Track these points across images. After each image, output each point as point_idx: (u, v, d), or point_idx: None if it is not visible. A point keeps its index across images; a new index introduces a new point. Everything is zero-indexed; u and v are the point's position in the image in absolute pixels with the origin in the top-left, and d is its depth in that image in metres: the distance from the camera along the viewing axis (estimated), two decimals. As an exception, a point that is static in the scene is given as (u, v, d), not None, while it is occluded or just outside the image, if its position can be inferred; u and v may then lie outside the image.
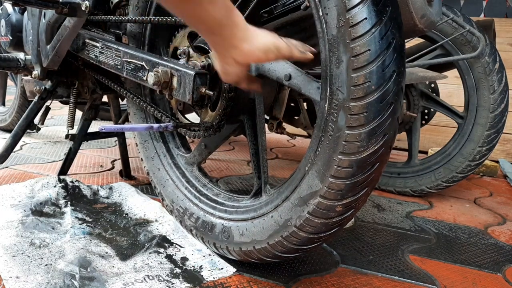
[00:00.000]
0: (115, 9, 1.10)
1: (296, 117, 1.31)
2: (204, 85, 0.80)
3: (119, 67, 0.98)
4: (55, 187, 1.12)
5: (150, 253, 0.84)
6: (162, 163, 1.06)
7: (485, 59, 1.36)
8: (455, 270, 0.93)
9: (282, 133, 1.15)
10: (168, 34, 1.03)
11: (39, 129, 1.76)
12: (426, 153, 2.21)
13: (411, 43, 1.57)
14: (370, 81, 0.57)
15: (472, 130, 1.40)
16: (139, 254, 0.84)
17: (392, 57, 0.57)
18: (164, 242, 0.90)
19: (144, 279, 0.75)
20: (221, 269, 0.82)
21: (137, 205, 1.09)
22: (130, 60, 0.93)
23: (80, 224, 0.94)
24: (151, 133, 1.09)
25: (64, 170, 1.26)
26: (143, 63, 0.89)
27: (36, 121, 1.35)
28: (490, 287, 0.87)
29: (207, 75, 0.81)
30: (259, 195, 0.84)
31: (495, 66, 1.36)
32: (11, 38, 1.29)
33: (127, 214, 1.05)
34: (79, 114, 1.35)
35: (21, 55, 1.26)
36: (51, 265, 0.76)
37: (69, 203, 1.05)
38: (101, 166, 1.50)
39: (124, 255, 0.83)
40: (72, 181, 1.16)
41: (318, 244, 0.71)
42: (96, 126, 1.86)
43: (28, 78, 1.31)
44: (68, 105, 1.32)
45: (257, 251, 0.76)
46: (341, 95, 0.60)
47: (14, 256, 0.77)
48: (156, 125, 0.85)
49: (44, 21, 1.13)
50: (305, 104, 1.31)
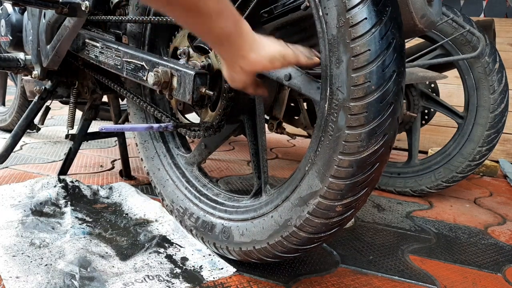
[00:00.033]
0: (115, 9, 1.10)
1: (296, 117, 1.31)
2: (204, 85, 0.80)
3: (119, 67, 0.98)
4: (55, 187, 1.12)
5: (150, 253, 0.84)
6: (162, 163, 1.06)
7: (485, 59, 1.36)
8: (455, 270, 0.93)
9: (282, 133, 1.15)
10: (168, 34, 1.03)
11: (39, 129, 1.76)
12: (426, 153, 2.21)
13: (411, 43, 1.57)
14: (370, 81, 0.57)
15: (472, 130, 1.40)
16: (139, 254, 0.84)
17: (392, 57, 0.57)
18: (164, 242, 0.90)
19: (144, 279, 0.75)
20: (221, 269, 0.82)
21: (137, 205, 1.09)
22: (130, 60, 0.93)
23: (80, 224, 0.94)
24: (151, 133, 1.09)
25: (64, 170, 1.26)
26: (143, 63, 0.89)
27: (36, 121, 1.35)
28: (490, 287, 0.87)
29: (207, 75, 0.81)
30: (259, 195, 0.84)
31: (495, 66, 1.36)
32: (11, 38, 1.29)
33: (127, 214, 1.05)
34: (79, 114, 1.35)
35: (21, 55, 1.26)
36: (51, 265, 0.76)
37: (69, 203, 1.05)
38: (101, 166, 1.50)
39: (124, 255, 0.83)
40: (72, 181, 1.16)
41: (318, 244, 0.71)
42: (96, 126, 1.86)
43: (28, 78, 1.31)
44: (68, 105, 1.32)
45: (257, 251, 0.76)
46: (341, 95, 0.60)
47: (14, 256, 0.77)
48: (156, 125, 0.85)
49: (44, 21, 1.13)
50: (305, 104, 1.31)
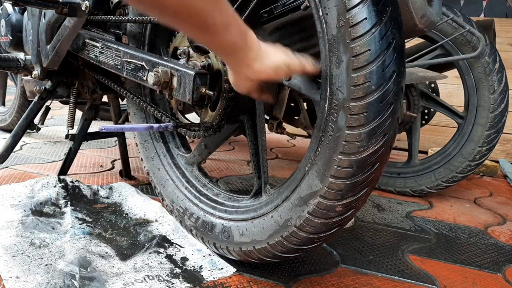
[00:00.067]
0: (115, 9, 1.10)
1: (296, 117, 1.30)
2: (204, 85, 0.80)
3: (119, 67, 0.98)
4: (55, 187, 1.12)
5: (150, 253, 0.84)
6: (162, 163, 1.06)
7: (485, 59, 1.36)
8: (455, 270, 0.93)
9: (282, 133, 1.15)
10: (168, 34, 1.03)
11: (39, 129, 1.76)
12: (426, 153, 2.21)
13: (411, 43, 1.57)
14: (370, 81, 0.57)
15: (472, 130, 1.40)
16: (139, 254, 0.84)
17: (392, 57, 0.57)
18: (164, 242, 0.90)
19: (144, 279, 0.75)
20: (221, 269, 0.82)
21: (137, 205, 1.09)
22: (130, 60, 0.93)
23: (80, 224, 0.94)
24: (151, 133, 1.09)
25: (64, 170, 1.26)
26: (143, 63, 0.89)
27: (36, 121, 1.35)
28: (490, 287, 0.87)
29: (207, 75, 0.81)
30: (259, 195, 0.84)
31: (495, 66, 1.36)
32: (11, 38, 1.29)
33: (127, 214, 1.05)
34: (79, 114, 1.35)
35: (21, 55, 1.26)
36: (51, 265, 0.76)
37: (69, 203, 1.05)
38: (101, 166, 1.50)
39: (124, 255, 0.83)
40: (72, 181, 1.16)
41: (318, 244, 0.71)
42: (96, 126, 1.86)
43: (28, 78, 1.31)
44: (68, 105, 1.32)
45: (257, 251, 0.76)
46: (341, 95, 0.60)
47: (14, 256, 0.77)
48: (156, 125, 0.85)
49: (44, 21, 1.13)
50: (305, 104, 1.31)
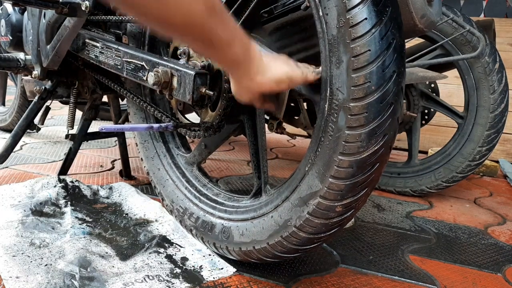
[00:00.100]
0: (115, 9, 1.10)
1: (296, 117, 1.30)
2: (204, 85, 0.80)
3: (119, 67, 0.98)
4: (55, 187, 1.12)
5: (150, 253, 0.84)
6: (162, 163, 1.06)
7: (485, 59, 1.36)
8: (455, 270, 0.93)
9: (282, 133, 1.15)
10: (168, 34, 1.03)
11: (39, 129, 1.76)
12: (426, 153, 2.21)
13: (411, 43, 1.57)
14: (370, 82, 0.57)
15: (472, 130, 1.40)
16: (139, 254, 0.84)
17: (392, 57, 0.57)
18: (164, 242, 0.90)
19: (144, 279, 0.75)
20: (221, 269, 0.82)
21: (137, 205, 1.09)
22: (130, 60, 0.93)
23: (80, 224, 0.94)
24: (151, 133, 1.09)
25: (64, 170, 1.26)
26: (143, 63, 0.89)
27: (36, 121, 1.35)
28: (490, 287, 0.87)
29: (207, 75, 0.81)
30: (259, 195, 0.84)
31: (495, 66, 1.36)
32: (11, 38, 1.29)
33: (127, 214, 1.05)
34: (79, 114, 1.35)
35: (21, 55, 1.26)
36: (51, 265, 0.76)
37: (69, 203, 1.05)
38: (101, 166, 1.50)
39: (124, 255, 0.83)
40: (72, 181, 1.16)
41: (318, 244, 0.71)
42: (96, 126, 1.86)
43: (28, 78, 1.31)
44: (68, 105, 1.32)
45: (257, 251, 0.76)
46: (341, 95, 0.60)
47: (14, 256, 0.77)
48: (156, 125, 0.85)
49: (44, 21, 1.13)
50: (305, 104, 1.31)
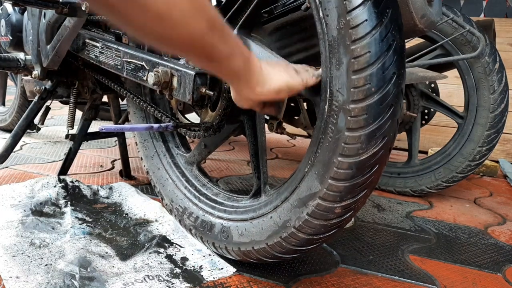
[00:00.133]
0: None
1: (296, 117, 1.30)
2: (204, 85, 0.80)
3: (119, 67, 0.98)
4: (55, 187, 1.12)
5: (150, 253, 0.84)
6: (161, 162, 1.06)
7: (485, 59, 1.36)
8: (455, 270, 0.93)
9: (282, 133, 1.15)
10: (168, 34, 1.03)
11: (39, 129, 1.76)
12: (426, 153, 2.21)
13: (411, 43, 1.57)
14: (370, 83, 0.57)
15: (472, 130, 1.40)
16: (139, 254, 0.84)
17: (392, 59, 0.57)
18: (164, 242, 0.90)
19: (144, 279, 0.75)
20: (221, 269, 0.82)
21: (137, 205, 1.09)
22: (130, 60, 0.93)
23: (80, 224, 0.94)
24: (150, 133, 1.09)
25: (64, 170, 1.26)
26: (143, 63, 0.89)
27: (36, 121, 1.35)
28: (490, 287, 0.87)
29: (207, 75, 0.81)
30: (259, 195, 0.84)
31: (495, 66, 1.36)
32: (11, 38, 1.29)
33: (127, 214, 1.05)
34: (79, 114, 1.35)
35: (21, 55, 1.26)
36: (51, 265, 0.76)
37: (69, 203, 1.05)
38: (101, 166, 1.50)
39: (124, 255, 0.83)
40: (72, 181, 1.16)
41: (316, 245, 0.71)
42: (96, 126, 1.86)
43: (28, 78, 1.31)
44: (68, 105, 1.32)
45: (256, 252, 0.76)
46: (341, 97, 0.60)
47: (14, 256, 0.77)
48: (156, 125, 0.85)
49: (44, 21, 1.13)
50: (305, 104, 1.31)
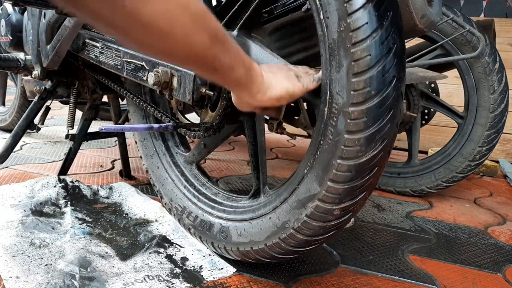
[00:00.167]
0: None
1: (296, 117, 1.30)
2: (204, 85, 0.80)
3: (119, 67, 0.98)
4: (55, 187, 1.12)
5: (150, 253, 0.85)
6: (161, 161, 1.06)
7: (485, 59, 1.36)
8: (455, 270, 0.93)
9: (282, 133, 1.15)
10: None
11: (39, 129, 1.76)
12: (426, 153, 2.21)
13: (411, 43, 1.57)
14: (370, 86, 0.57)
15: (472, 130, 1.40)
16: (139, 254, 0.84)
17: (392, 62, 0.57)
18: (164, 242, 0.90)
19: (144, 279, 0.75)
20: (221, 269, 0.82)
21: (137, 205, 1.09)
22: (130, 60, 0.93)
23: (80, 224, 0.94)
24: (150, 132, 1.09)
25: (64, 170, 1.26)
26: (143, 63, 0.89)
27: (36, 121, 1.35)
28: (490, 287, 0.87)
29: (207, 75, 0.81)
30: (258, 196, 0.84)
31: (495, 66, 1.36)
32: (11, 38, 1.29)
33: (127, 214, 1.05)
34: (79, 114, 1.35)
35: (21, 55, 1.26)
36: (51, 265, 0.76)
37: (69, 203, 1.05)
38: (101, 166, 1.50)
39: (124, 255, 0.83)
40: (72, 181, 1.16)
41: (315, 246, 0.71)
42: (96, 126, 1.86)
43: (28, 78, 1.31)
44: (68, 105, 1.32)
45: (254, 252, 0.76)
46: (340, 99, 0.60)
47: (14, 256, 0.77)
48: (156, 126, 0.85)
49: (44, 21, 1.13)
50: (305, 104, 1.31)
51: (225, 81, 0.62)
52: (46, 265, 0.76)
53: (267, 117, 1.08)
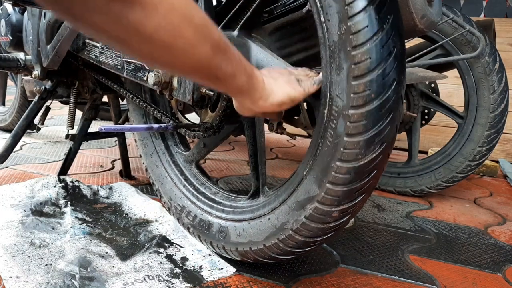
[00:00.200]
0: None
1: (296, 117, 1.30)
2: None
3: (119, 67, 0.98)
4: (55, 187, 1.12)
5: (150, 253, 0.85)
6: (160, 160, 1.06)
7: (485, 59, 1.36)
8: (455, 270, 0.93)
9: (282, 133, 1.15)
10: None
11: (39, 129, 1.77)
12: (426, 153, 2.21)
13: (411, 43, 1.57)
14: (370, 89, 0.57)
15: (472, 130, 1.40)
16: (139, 254, 0.84)
17: (392, 65, 0.57)
18: (164, 242, 0.90)
19: (144, 279, 0.75)
20: (221, 269, 0.82)
21: (137, 205, 1.09)
22: (130, 60, 0.93)
23: (80, 224, 0.94)
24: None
25: (64, 170, 1.26)
26: (144, 63, 0.89)
27: (36, 121, 1.35)
28: (490, 287, 0.87)
29: (207, 75, 0.81)
30: (257, 196, 0.84)
31: (495, 66, 1.36)
32: (11, 38, 1.29)
33: (127, 214, 1.05)
34: (79, 114, 1.35)
35: (21, 55, 1.26)
36: (51, 265, 0.76)
37: (69, 203, 1.05)
38: (101, 166, 1.50)
39: (124, 255, 0.83)
40: (72, 181, 1.16)
41: (313, 247, 0.72)
42: (96, 126, 1.86)
43: (28, 78, 1.31)
44: (68, 105, 1.32)
45: (253, 252, 0.77)
46: (340, 102, 0.60)
47: (14, 256, 0.77)
48: (156, 126, 0.85)
49: (44, 21, 1.13)
50: (305, 104, 1.31)
51: (227, 89, 0.62)
52: (46, 265, 0.76)
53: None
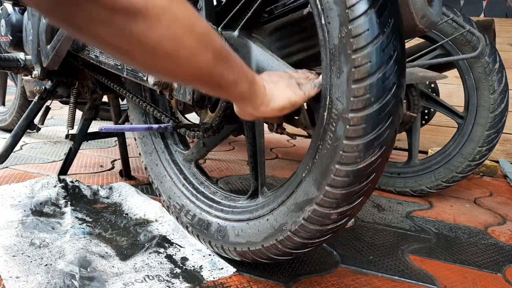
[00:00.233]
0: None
1: (296, 117, 1.30)
2: (204, 86, 0.80)
3: (120, 67, 0.98)
4: (55, 187, 1.12)
5: (150, 253, 0.85)
6: (160, 159, 1.06)
7: (485, 59, 1.36)
8: (455, 270, 0.93)
9: (282, 133, 1.15)
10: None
11: (39, 129, 1.77)
12: (426, 153, 2.21)
13: (411, 43, 1.57)
14: (370, 93, 0.57)
15: (472, 130, 1.40)
16: (139, 254, 0.84)
17: (393, 69, 0.57)
18: (164, 242, 0.90)
19: (144, 279, 0.75)
20: (221, 269, 0.82)
21: (137, 205, 1.09)
22: (130, 60, 0.93)
23: (80, 224, 0.94)
24: (149, 131, 1.09)
25: (64, 170, 1.26)
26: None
27: (36, 121, 1.35)
28: (490, 287, 0.87)
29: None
30: (256, 196, 0.84)
31: (495, 66, 1.36)
32: (11, 38, 1.29)
33: (127, 214, 1.05)
34: (79, 114, 1.35)
35: (21, 55, 1.26)
36: (51, 265, 0.76)
37: (69, 203, 1.05)
38: (101, 166, 1.50)
39: (124, 255, 0.83)
40: (72, 181, 1.16)
41: (312, 248, 0.72)
42: (96, 126, 1.86)
43: (28, 78, 1.31)
44: (68, 105, 1.32)
45: (251, 252, 0.77)
46: (340, 105, 0.60)
47: (14, 256, 0.77)
48: (155, 126, 0.85)
49: (44, 21, 1.13)
50: (305, 104, 1.31)
51: (229, 96, 0.63)
52: (46, 265, 0.76)
53: (267, 117, 1.08)
